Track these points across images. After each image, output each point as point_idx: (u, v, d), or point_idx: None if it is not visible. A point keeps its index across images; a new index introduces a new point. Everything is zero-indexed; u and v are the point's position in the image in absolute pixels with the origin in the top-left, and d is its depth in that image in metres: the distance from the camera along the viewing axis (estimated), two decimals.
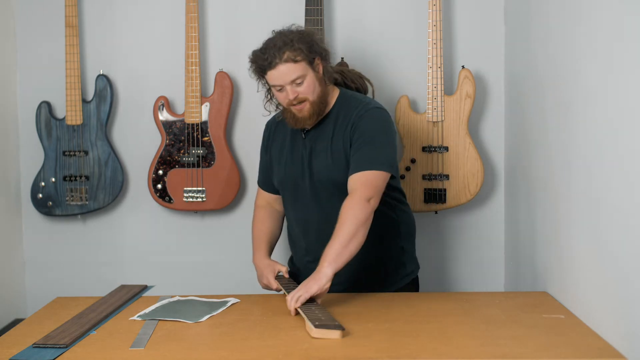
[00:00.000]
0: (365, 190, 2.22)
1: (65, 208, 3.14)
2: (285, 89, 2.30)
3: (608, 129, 1.88)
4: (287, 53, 2.26)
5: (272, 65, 2.27)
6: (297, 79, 2.28)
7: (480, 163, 2.99)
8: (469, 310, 2.17)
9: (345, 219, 2.18)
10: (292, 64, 2.27)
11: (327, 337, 1.88)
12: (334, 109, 2.39)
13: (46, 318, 2.15)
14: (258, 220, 2.58)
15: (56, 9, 3.15)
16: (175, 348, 1.88)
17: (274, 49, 2.28)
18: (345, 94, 2.42)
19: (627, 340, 1.76)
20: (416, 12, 3.08)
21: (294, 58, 2.26)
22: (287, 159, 2.45)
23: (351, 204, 2.20)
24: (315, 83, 2.31)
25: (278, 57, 2.26)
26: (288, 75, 2.27)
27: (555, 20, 2.34)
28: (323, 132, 2.38)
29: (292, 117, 2.35)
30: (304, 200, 2.42)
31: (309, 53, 2.29)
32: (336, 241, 2.16)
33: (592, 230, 2.00)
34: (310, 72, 2.30)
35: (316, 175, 2.37)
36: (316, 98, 2.31)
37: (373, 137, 2.29)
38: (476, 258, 3.20)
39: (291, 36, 2.30)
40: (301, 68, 2.28)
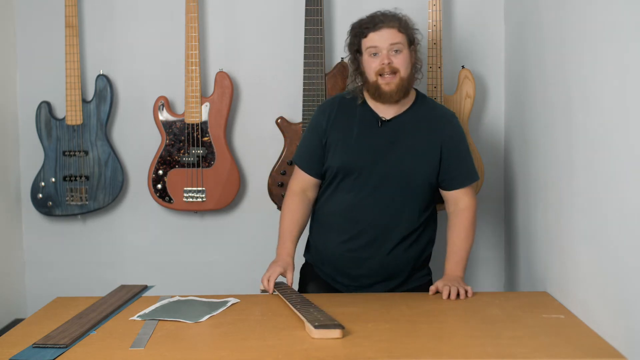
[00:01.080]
0: (475, 203, 2.49)
1: (65, 208, 3.14)
2: (381, 53, 2.37)
3: (608, 129, 1.88)
4: (394, 22, 2.38)
5: (376, 27, 2.38)
6: (397, 44, 2.37)
7: (480, 163, 2.99)
8: (469, 310, 2.17)
9: (470, 231, 2.46)
10: (396, 31, 2.38)
11: (328, 337, 1.88)
12: (413, 106, 2.47)
13: (46, 318, 2.15)
14: (291, 208, 2.53)
15: (56, 9, 3.15)
16: (175, 348, 1.88)
17: (382, 16, 2.39)
18: (422, 95, 2.52)
19: (627, 340, 1.76)
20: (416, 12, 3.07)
21: (399, 27, 2.38)
22: (353, 144, 2.44)
23: (471, 220, 2.47)
24: (409, 62, 2.40)
25: (385, 22, 2.37)
26: (390, 38, 2.37)
27: (555, 20, 2.34)
28: (403, 127, 2.44)
29: (376, 89, 2.40)
30: (365, 186, 2.43)
31: (412, 34, 2.42)
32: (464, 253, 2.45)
33: (592, 231, 2.00)
34: (407, 50, 2.40)
35: (392, 165, 2.41)
36: (406, 76, 2.39)
37: (465, 148, 2.49)
38: (476, 258, 3.20)
39: (399, 15, 2.42)
40: (403, 39, 2.38)
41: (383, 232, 2.44)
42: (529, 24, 2.70)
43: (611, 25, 1.86)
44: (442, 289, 2.29)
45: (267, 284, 2.37)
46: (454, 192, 2.47)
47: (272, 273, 2.39)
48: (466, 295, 2.28)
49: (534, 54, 2.61)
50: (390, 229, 2.44)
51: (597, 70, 1.95)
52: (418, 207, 2.46)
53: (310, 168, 2.53)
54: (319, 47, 2.98)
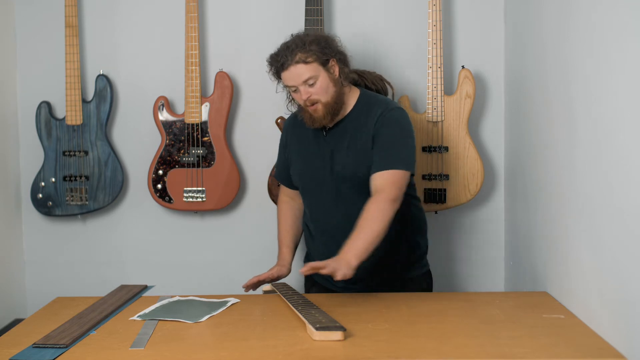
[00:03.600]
0: (392, 190, 2.28)
1: (65, 208, 3.14)
2: (299, 90, 2.34)
3: (608, 129, 1.88)
4: (298, 54, 2.31)
5: (284, 66, 2.33)
6: (309, 80, 2.32)
7: (480, 163, 2.99)
8: (469, 310, 2.17)
9: (374, 216, 2.23)
10: (303, 65, 2.31)
11: (329, 339, 1.88)
12: (355, 108, 2.43)
13: (46, 318, 2.15)
14: (281, 216, 2.64)
15: (56, 9, 3.15)
16: (175, 348, 1.88)
17: (286, 50, 2.33)
18: (366, 95, 2.46)
19: (627, 340, 1.76)
20: (416, 12, 3.08)
21: (305, 59, 2.31)
22: (307, 156, 2.48)
23: (380, 203, 2.26)
24: (329, 84, 2.35)
25: (290, 59, 2.32)
26: (300, 76, 2.32)
27: (555, 20, 2.35)
28: (345, 131, 2.42)
29: (309, 117, 2.40)
30: (324, 197, 2.44)
31: (322, 54, 2.33)
32: (363, 236, 2.21)
33: (592, 231, 2.00)
34: (322, 74, 2.34)
35: (338, 172, 2.40)
36: (329, 99, 2.35)
37: (396, 137, 2.35)
38: (476, 258, 3.20)
39: (305, 38, 2.35)
40: (313, 69, 2.32)
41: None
42: (529, 24, 2.70)
43: (612, 25, 1.86)
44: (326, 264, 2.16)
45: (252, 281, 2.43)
46: (373, 176, 2.32)
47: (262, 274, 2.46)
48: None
49: (534, 54, 2.61)
50: None
51: (597, 70, 1.95)
52: None
53: (285, 180, 2.62)
54: None
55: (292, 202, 2.64)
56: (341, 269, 2.13)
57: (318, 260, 2.48)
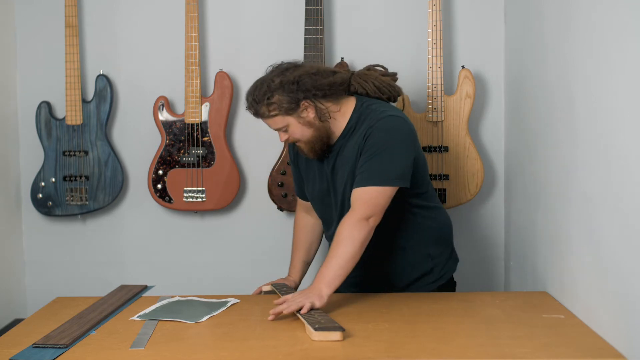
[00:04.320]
0: (364, 209, 2.16)
1: (65, 208, 3.14)
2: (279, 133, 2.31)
3: (608, 128, 1.88)
4: (262, 109, 2.25)
5: (256, 115, 2.30)
6: (280, 129, 2.28)
7: (480, 163, 2.99)
8: (469, 310, 2.17)
9: (342, 238, 2.14)
10: (268, 119, 2.27)
11: (328, 339, 1.88)
12: (350, 123, 2.30)
13: (46, 318, 2.15)
14: (294, 233, 2.60)
15: (56, 9, 3.15)
16: (175, 348, 1.88)
17: (253, 102, 2.27)
18: (362, 105, 2.31)
19: (627, 340, 1.76)
20: (416, 12, 3.08)
21: (268, 114, 2.25)
22: (313, 177, 2.42)
23: (349, 224, 2.15)
24: (302, 128, 2.26)
25: (256, 112, 2.27)
26: (271, 126, 2.29)
27: (555, 20, 2.34)
28: (341, 148, 2.32)
29: (300, 150, 2.36)
30: (330, 216, 2.40)
31: (288, 104, 2.22)
32: (334, 262, 2.12)
33: (592, 230, 2.00)
34: (292, 121, 2.25)
35: (339, 192, 2.33)
36: (309, 138, 2.27)
37: (381, 150, 2.20)
38: (476, 258, 3.20)
39: (270, 85, 2.24)
40: (279, 121, 2.25)
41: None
42: (529, 24, 2.70)
43: (612, 25, 1.85)
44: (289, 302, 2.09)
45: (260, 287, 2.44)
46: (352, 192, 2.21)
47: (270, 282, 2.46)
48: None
49: (534, 54, 2.61)
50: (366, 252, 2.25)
51: (598, 70, 1.95)
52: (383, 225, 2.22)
53: (301, 194, 2.56)
54: (319, 47, 2.98)
55: (308, 217, 2.56)
56: (310, 299, 2.05)
57: None
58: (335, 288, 2.12)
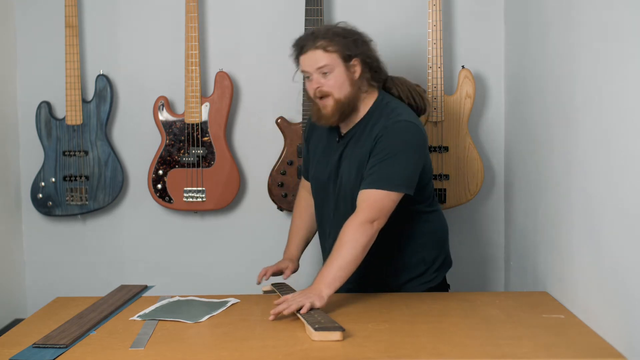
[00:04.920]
0: (370, 212, 2.15)
1: (65, 208, 3.14)
2: (312, 78, 2.25)
3: (608, 129, 1.88)
4: (321, 41, 2.23)
5: (303, 50, 2.26)
6: (323, 67, 2.22)
7: (480, 163, 2.99)
8: (469, 310, 2.17)
9: (346, 241, 2.13)
10: (322, 51, 2.22)
11: (328, 339, 1.88)
12: (368, 115, 2.30)
13: (46, 318, 2.15)
14: (297, 211, 2.59)
15: (56, 9, 3.15)
16: (175, 348, 1.88)
17: (310, 35, 2.26)
18: (382, 101, 2.31)
19: (627, 340, 1.76)
20: (416, 12, 3.08)
21: (325, 47, 2.22)
22: (318, 160, 2.42)
23: (354, 226, 2.14)
24: (345, 81, 2.24)
25: (311, 43, 2.24)
26: (316, 62, 2.23)
27: (554, 20, 2.34)
28: (353, 139, 2.30)
29: (316, 112, 2.30)
30: (326, 204, 2.40)
31: (345, 49, 2.23)
32: (335, 263, 2.11)
33: (592, 231, 2.00)
34: (341, 68, 2.23)
35: (341, 182, 2.32)
36: (342, 97, 2.24)
37: (393, 154, 2.19)
38: (476, 258, 3.20)
39: (334, 29, 2.27)
40: (331, 59, 2.22)
41: None
42: (529, 24, 2.70)
43: (612, 25, 1.86)
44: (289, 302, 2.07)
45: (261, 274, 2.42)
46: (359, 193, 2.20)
47: (269, 268, 2.45)
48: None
49: (534, 54, 2.61)
50: None
51: (598, 70, 1.95)
52: None
53: (306, 174, 2.58)
54: None
55: (311, 199, 2.53)
56: (310, 299, 2.04)
57: None
58: (335, 289, 2.12)
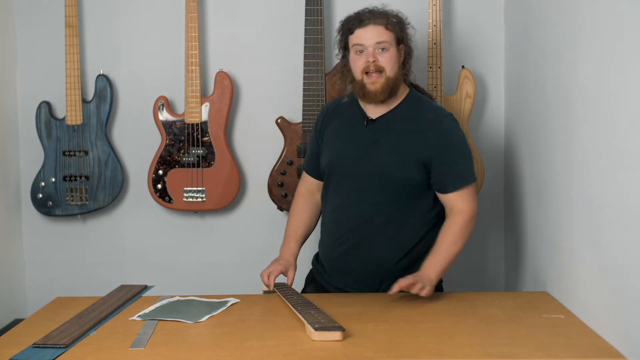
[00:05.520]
0: (473, 206, 2.35)
1: (65, 208, 3.14)
2: (367, 51, 2.31)
3: (607, 129, 1.88)
4: (381, 19, 2.32)
5: (362, 23, 2.32)
6: (383, 43, 2.30)
7: (480, 163, 2.99)
8: (469, 310, 2.17)
9: (459, 237, 2.31)
10: (383, 28, 2.31)
11: (328, 339, 1.88)
12: (402, 104, 2.39)
13: (46, 318, 2.15)
14: (297, 208, 2.58)
15: (56, 9, 3.15)
16: (175, 348, 1.88)
17: (369, 13, 2.34)
18: (415, 94, 2.44)
19: (627, 340, 1.76)
20: (416, 12, 3.08)
21: (386, 25, 2.31)
22: (341, 143, 2.43)
23: (463, 223, 2.32)
24: (396, 62, 2.33)
25: (372, 19, 2.31)
26: (376, 36, 2.30)
27: (555, 21, 2.34)
28: (389, 125, 2.38)
29: (361, 88, 2.35)
30: (350, 187, 2.40)
31: (400, 31, 2.34)
32: (446, 256, 2.28)
33: (592, 231, 2.00)
34: (394, 49, 2.33)
35: (374, 165, 2.36)
36: (392, 75, 2.32)
37: (462, 150, 2.36)
38: (476, 258, 3.20)
39: (391, 12, 2.37)
40: (389, 37, 2.31)
41: (366, 239, 2.37)
42: (528, 24, 2.70)
43: (612, 24, 1.86)
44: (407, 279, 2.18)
45: (267, 279, 2.38)
46: (447, 197, 2.35)
47: (273, 270, 2.40)
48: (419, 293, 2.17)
49: (534, 54, 2.61)
50: (373, 236, 2.37)
51: (597, 70, 1.95)
52: (407, 214, 2.36)
53: (312, 170, 2.56)
54: (319, 47, 2.98)
55: (311, 197, 2.57)
56: (426, 285, 2.18)
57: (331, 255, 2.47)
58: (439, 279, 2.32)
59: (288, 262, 2.46)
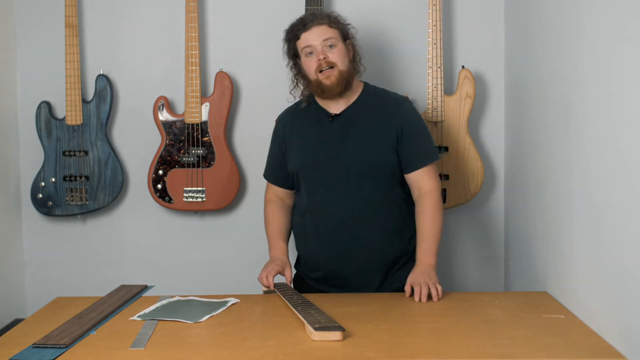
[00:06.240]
0: (437, 183, 2.44)
1: (65, 208, 3.14)
2: (316, 51, 2.39)
3: (607, 129, 1.88)
4: (322, 19, 2.41)
5: (307, 27, 2.41)
6: (329, 39, 2.39)
7: (480, 163, 2.99)
8: (469, 310, 2.17)
9: (437, 217, 2.39)
10: (326, 26, 2.41)
11: (328, 339, 1.88)
12: (361, 97, 2.48)
13: (46, 318, 2.15)
14: (270, 215, 2.61)
15: (56, 9, 3.15)
16: (175, 348, 1.88)
17: (311, 16, 2.43)
18: (369, 86, 2.54)
19: (626, 340, 1.76)
20: (416, 12, 3.08)
21: (329, 23, 2.41)
22: (308, 144, 2.48)
23: (436, 202, 2.41)
24: (345, 56, 2.42)
25: (314, 20, 2.41)
26: (322, 35, 2.39)
27: (555, 20, 2.34)
28: (355, 116, 2.45)
29: (318, 86, 2.42)
30: (329, 183, 2.43)
31: (344, 29, 2.45)
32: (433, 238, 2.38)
33: (592, 230, 2.00)
34: (341, 44, 2.43)
35: (350, 156, 2.41)
36: (345, 68, 2.41)
37: (422, 129, 2.47)
38: (476, 258, 3.20)
39: (331, 12, 2.49)
40: (334, 34, 2.41)
41: (357, 229, 2.42)
42: (528, 24, 2.70)
43: (612, 24, 1.86)
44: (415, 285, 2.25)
45: (266, 280, 2.39)
46: (413, 175, 2.43)
47: (270, 271, 2.41)
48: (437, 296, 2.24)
49: (534, 54, 2.61)
50: (364, 224, 2.42)
51: (597, 70, 1.95)
52: (391, 197, 2.45)
53: (276, 179, 2.61)
54: None
55: (281, 202, 2.61)
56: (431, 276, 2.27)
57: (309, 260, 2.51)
58: None
59: (282, 261, 2.47)
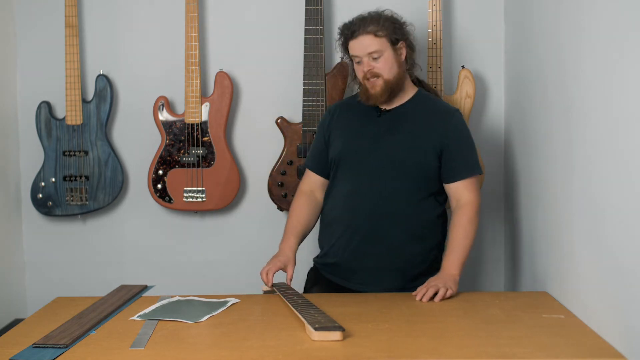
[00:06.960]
0: (477, 199, 2.43)
1: (65, 208, 3.14)
2: (362, 61, 2.40)
3: (608, 129, 1.88)
4: (371, 26, 2.39)
5: (354, 35, 2.41)
6: (374, 53, 2.39)
7: (481, 163, 2.98)
8: (469, 310, 2.17)
9: (469, 230, 2.39)
10: (372, 36, 2.39)
11: (328, 339, 1.88)
12: (414, 99, 2.50)
13: (46, 318, 2.15)
14: (297, 206, 2.60)
15: (56, 9, 3.15)
16: (175, 348, 1.88)
17: (360, 21, 2.42)
18: (424, 92, 2.55)
19: (627, 340, 1.76)
20: (416, 12, 3.08)
21: (375, 32, 2.39)
22: (352, 134, 2.50)
23: (472, 216, 2.40)
24: (393, 63, 2.42)
25: (361, 28, 2.39)
26: (367, 47, 2.39)
27: (555, 20, 2.35)
28: (404, 115, 2.47)
29: (364, 92, 2.45)
30: (364, 173, 2.45)
31: (393, 33, 2.41)
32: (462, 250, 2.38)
33: (592, 230, 2.00)
34: (389, 51, 2.41)
35: (389, 151, 2.44)
36: (391, 77, 2.42)
37: (469, 143, 2.48)
38: (476, 258, 3.20)
39: (382, 14, 2.44)
40: (381, 43, 2.39)
41: (382, 224, 2.43)
42: (529, 24, 2.70)
43: (611, 25, 1.86)
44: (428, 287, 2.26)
45: (266, 277, 2.39)
46: (454, 186, 2.44)
47: (272, 267, 2.42)
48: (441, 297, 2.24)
49: (534, 54, 2.61)
50: (389, 221, 2.43)
51: (597, 70, 1.95)
52: (421, 201, 2.45)
53: (316, 166, 2.60)
54: (319, 47, 2.98)
55: (312, 196, 2.60)
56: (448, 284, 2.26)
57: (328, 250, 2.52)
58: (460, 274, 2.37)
59: (287, 257, 2.47)
